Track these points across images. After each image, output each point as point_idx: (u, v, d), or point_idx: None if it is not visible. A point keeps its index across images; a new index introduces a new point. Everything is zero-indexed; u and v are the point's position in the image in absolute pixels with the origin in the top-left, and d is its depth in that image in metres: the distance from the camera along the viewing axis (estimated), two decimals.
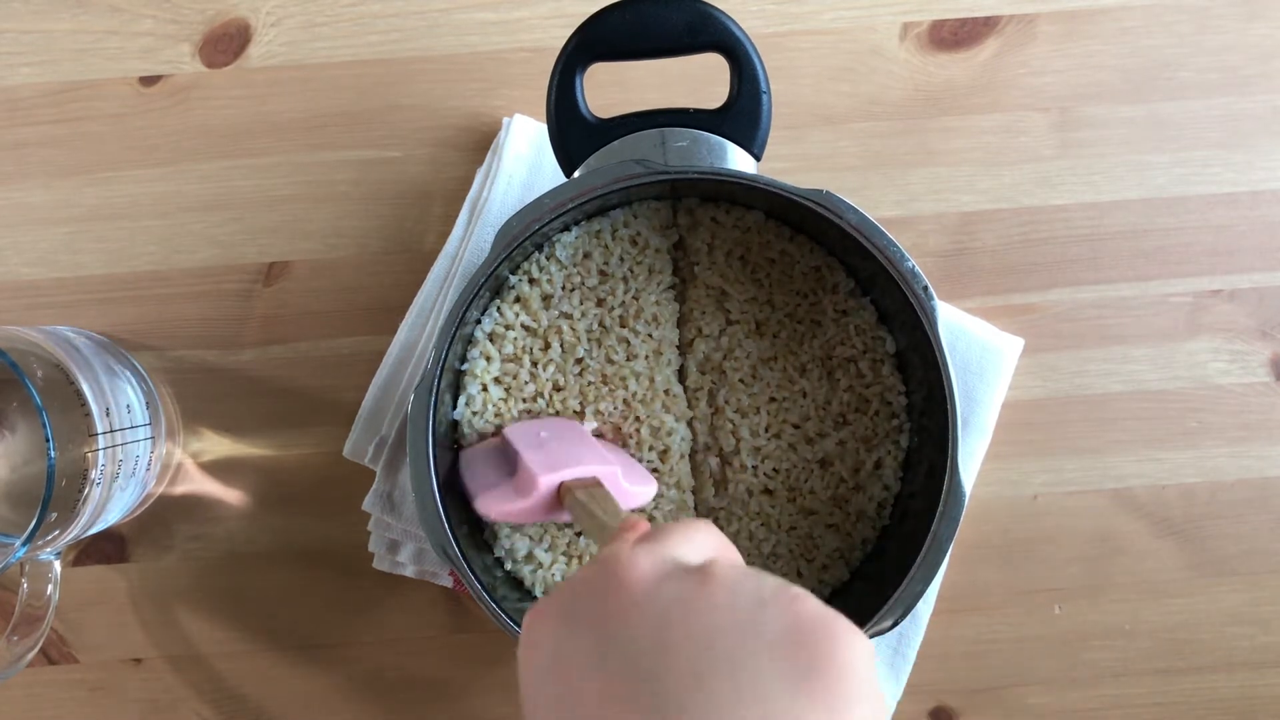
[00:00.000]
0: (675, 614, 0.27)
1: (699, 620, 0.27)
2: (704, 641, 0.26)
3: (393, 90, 0.54)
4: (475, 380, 0.46)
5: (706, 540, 0.31)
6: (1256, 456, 0.54)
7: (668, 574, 0.28)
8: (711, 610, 0.27)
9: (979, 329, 0.53)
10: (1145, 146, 0.55)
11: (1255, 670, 0.54)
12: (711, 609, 0.27)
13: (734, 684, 0.25)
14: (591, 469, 0.41)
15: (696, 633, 0.26)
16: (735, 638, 0.26)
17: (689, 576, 0.28)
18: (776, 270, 0.48)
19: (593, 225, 0.47)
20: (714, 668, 0.25)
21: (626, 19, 0.42)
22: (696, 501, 0.47)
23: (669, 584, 0.28)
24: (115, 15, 0.54)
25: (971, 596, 0.54)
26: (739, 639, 0.26)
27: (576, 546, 0.46)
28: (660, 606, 0.27)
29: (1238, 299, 0.55)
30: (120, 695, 0.53)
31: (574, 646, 0.28)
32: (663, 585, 0.28)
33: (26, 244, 0.54)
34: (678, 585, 0.28)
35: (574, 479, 0.41)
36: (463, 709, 0.54)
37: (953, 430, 0.42)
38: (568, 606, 0.29)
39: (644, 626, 0.27)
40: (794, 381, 0.47)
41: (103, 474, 0.45)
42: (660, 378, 0.46)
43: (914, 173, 0.55)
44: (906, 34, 0.55)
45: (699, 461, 0.48)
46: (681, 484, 0.47)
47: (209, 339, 0.54)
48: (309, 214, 0.54)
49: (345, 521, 0.52)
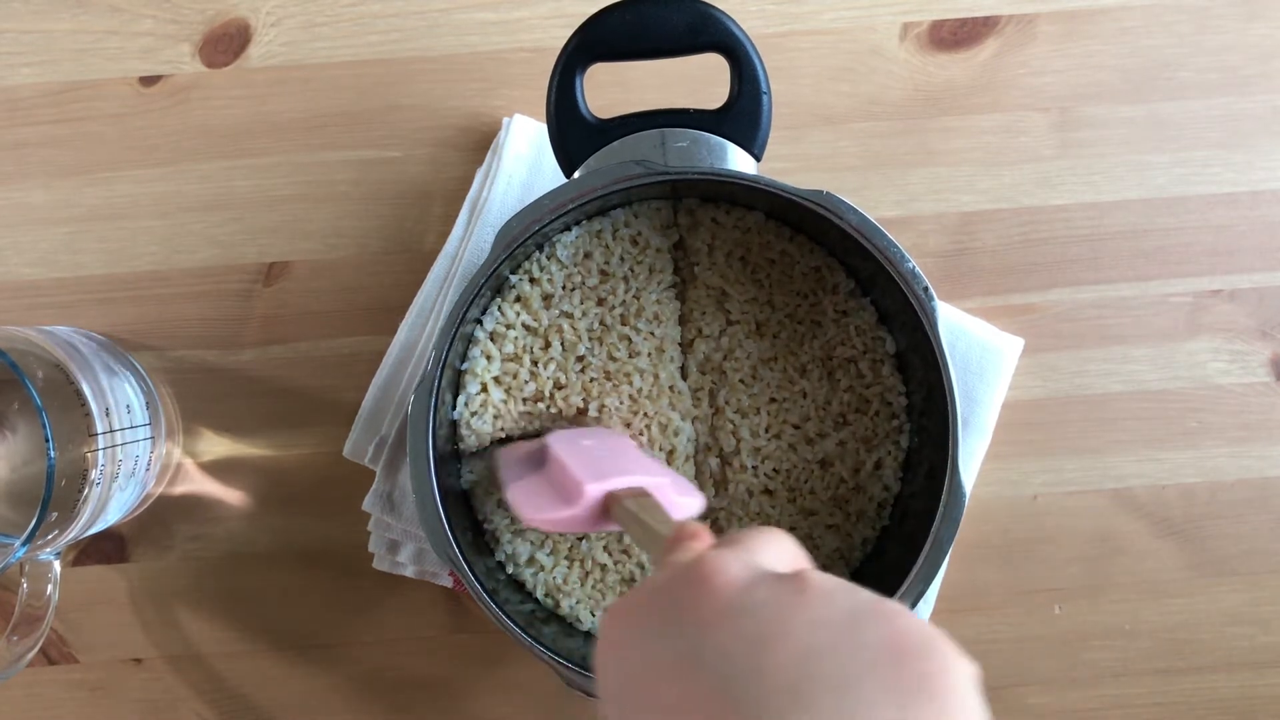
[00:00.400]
0: (769, 624, 0.26)
1: (796, 633, 0.25)
2: (801, 656, 0.25)
3: (393, 90, 0.54)
4: (475, 379, 0.46)
5: (788, 547, 0.30)
6: (1256, 456, 0.54)
7: (757, 580, 0.27)
8: (809, 624, 0.26)
9: (979, 329, 0.53)
10: (1145, 146, 0.55)
11: (1255, 670, 0.54)
12: (809, 623, 0.26)
13: (836, 704, 0.24)
14: (640, 479, 0.40)
15: (794, 646, 0.25)
16: (835, 654, 0.25)
17: (781, 585, 0.27)
18: (776, 271, 0.48)
19: (593, 225, 0.47)
20: (814, 686, 0.24)
21: (626, 19, 0.42)
22: None
23: (759, 591, 0.27)
24: (115, 15, 0.54)
25: (971, 596, 0.54)
26: (839, 656, 0.25)
27: (579, 551, 0.46)
28: (753, 615, 0.26)
29: (1238, 299, 0.55)
30: (120, 695, 0.53)
31: (658, 650, 0.27)
32: (753, 592, 0.27)
33: (26, 244, 0.54)
34: (769, 593, 0.27)
35: (622, 489, 0.39)
36: (463, 709, 0.54)
37: (953, 430, 0.42)
38: (651, 608, 0.28)
39: (735, 635, 0.26)
40: (794, 382, 0.47)
41: (102, 474, 0.45)
42: (665, 374, 0.46)
43: (914, 173, 0.55)
44: (906, 34, 0.55)
45: (699, 462, 0.48)
46: None
47: (209, 339, 0.54)
48: (309, 214, 0.54)
49: (345, 521, 0.52)
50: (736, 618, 0.26)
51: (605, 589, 0.46)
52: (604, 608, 0.29)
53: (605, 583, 0.46)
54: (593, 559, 0.46)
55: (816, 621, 0.26)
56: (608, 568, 0.46)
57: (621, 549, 0.46)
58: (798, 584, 0.27)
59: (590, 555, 0.46)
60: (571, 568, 0.46)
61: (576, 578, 0.46)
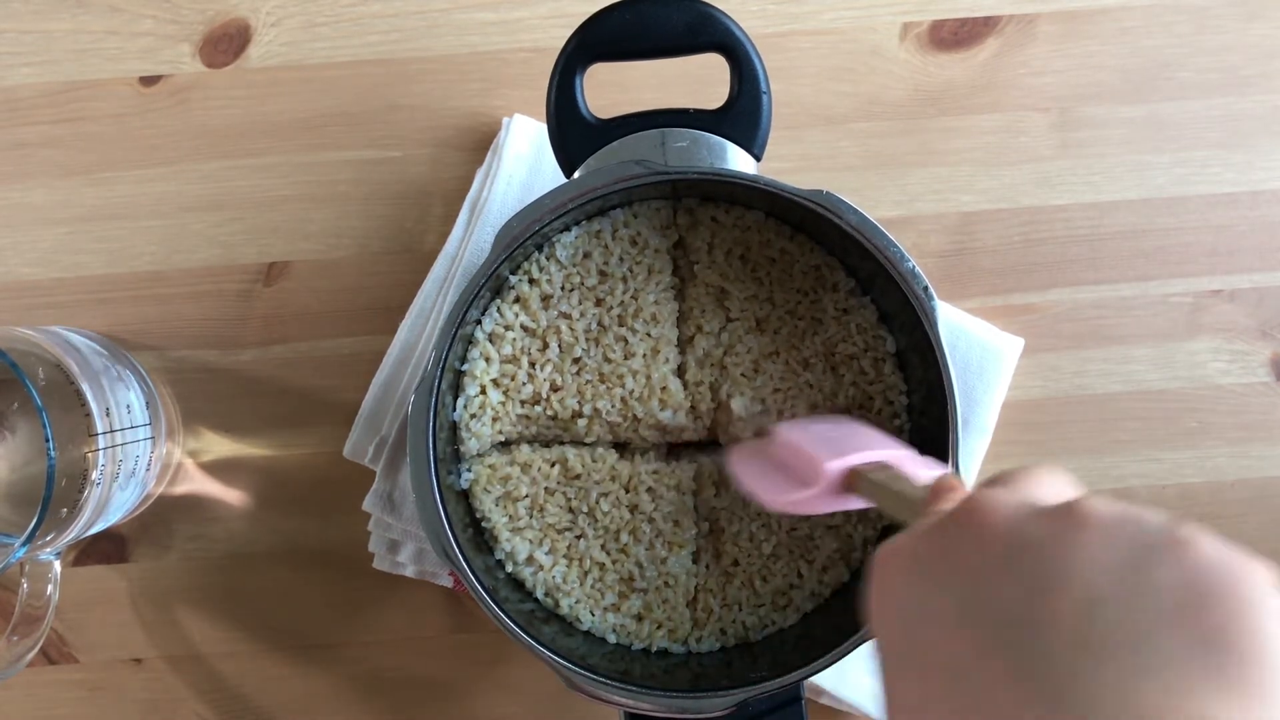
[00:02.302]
0: (1047, 566, 0.24)
1: (1077, 576, 0.23)
2: (1085, 604, 0.23)
3: (393, 90, 0.54)
4: (474, 381, 0.46)
5: (1060, 478, 0.28)
6: (1256, 456, 0.54)
7: (1030, 516, 0.25)
8: (1090, 565, 0.23)
9: (979, 329, 0.53)
10: (1145, 146, 0.55)
11: None
12: (1090, 563, 0.23)
13: (1133, 660, 0.22)
14: (879, 454, 0.39)
15: (1076, 593, 0.23)
16: (1123, 601, 0.22)
17: (1057, 518, 0.25)
18: (776, 269, 0.48)
19: (593, 225, 0.47)
20: (1105, 639, 0.22)
21: (626, 19, 0.42)
22: (697, 502, 0.47)
23: (1033, 527, 0.25)
24: (115, 15, 0.54)
25: None
26: (1128, 603, 0.22)
27: (576, 550, 0.46)
28: (1029, 556, 0.24)
29: (1238, 299, 0.55)
30: (120, 695, 0.53)
31: (935, 600, 0.26)
32: (1026, 529, 0.25)
33: (26, 244, 0.54)
34: (1044, 529, 0.25)
35: (863, 464, 0.39)
36: (463, 709, 0.54)
37: (953, 430, 0.42)
38: (923, 554, 0.27)
39: (1013, 580, 0.24)
40: (798, 374, 0.47)
41: (103, 474, 0.45)
42: (657, 375, 0.46)
43: (914, 173, 0.55)
44: (906, 34, 0.55)
45: (699, 461, 0.48)
46: (682, 486, 0.47)
47: (209, 339, 0.54)
48: (309, 214, 0.54)
49: (345, 521, 0.52)
50: (1013, 560, 0.25)
51: (604, 588, 0.46)
52: (876, 552, 0.28)
53: (604, 582, 0.46)
54: (590, 558, 0.46)
55: (1098, 562, 0.23)
56: (606, 566, 0.46)
57: (620, 548, 0.46)
58: (1075, 517, 0.24)
59: (588, 554, 0.46)
60: (570, 567, 0.46)
61: (575, 576, 0.46)
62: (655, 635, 0.46)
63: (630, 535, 0.46)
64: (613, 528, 0.46)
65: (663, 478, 0.47)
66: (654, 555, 0.46)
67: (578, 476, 0.46)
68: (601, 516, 0.46)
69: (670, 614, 0.46)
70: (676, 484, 0.47)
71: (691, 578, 0.47)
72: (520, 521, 0.46)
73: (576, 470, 0.46)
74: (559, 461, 0.46)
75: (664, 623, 0.46)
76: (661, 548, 0.46)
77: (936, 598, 0.26)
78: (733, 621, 0.47)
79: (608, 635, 0.46)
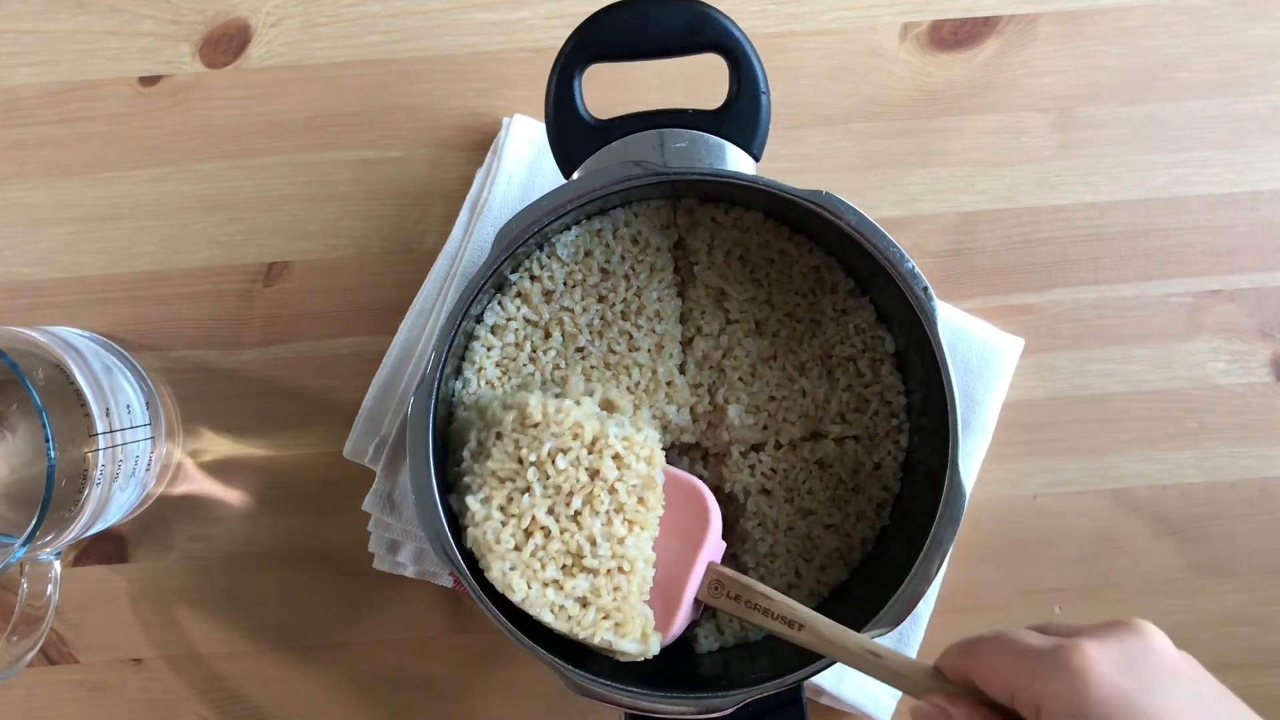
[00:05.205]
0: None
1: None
2: None
3: (393, 90, 0.54)
4: (473, 365, 0.46)
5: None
6: (1256, 456, 0.54)
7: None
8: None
9: (979, 329, 0.53)
10: (1145, 147, 0.55)
11: (1255, 670, 0.54)
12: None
13: None
14: (698, 566, 0.43)
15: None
16: None
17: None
18: (776, 270, 0.48)
19: (593, 224, 0.47)
20: None
21: (626, 19, 0.42)
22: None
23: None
24: (115, 15, 0.54)
25: (971, 596, 0.54)
26: None
27: (519, 505, 0.42)
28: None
29: (1238, 299, 0.55)
30: (120, 695, 0.53)
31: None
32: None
33: (26, 244, 0.54)
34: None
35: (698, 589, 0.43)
36: (463, 709, 0.54)
37: (953, 430, 0.42)
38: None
39: None
40: (793, 380, 0.47)
41: (103, 474, 0.45)
42: (663, 369, 0.46)
43: (914, 173, 0.55)
44: (906, 34, 0.55)
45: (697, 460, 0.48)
46: (654, 460, 0.44)
47: (209, 339, 0.54)
48: (309, 214, 0.54)
49: (345, 521, 0.52)
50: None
51: (546, 558, 0.42)
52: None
53: (547, 550, 0.42)
54: (534, 517, 0.42)
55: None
56: (551, 533, 0.42)
57: (571, 515, 0.42)
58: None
59: (532, 513, 0.42)
60: (507, 524, 0.42)
61: (511, 537, 0.42)
62: (600, 625, 0.41)
63: (585, 503, 0.41)
64: (565, 488, 0.41)
65: (633, 447, 0.42)
66: (610, 532, 0.41)
67: (535, 425, 0.42)
68: (554, 473, 0.41)
69: (621, 604, 0.41)
70: (649, 456, 0.43)
71: (649, 567, 0.42)
72: (462, 465, 0.43)
73: (535, 419, 0.42)
74: (517, 407, 0.42)
75: (612, 613, 0.41)
76: (620, 525, 0.41)
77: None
78: (731, 621, 0.47)
79: (543, 614, 0.41)
